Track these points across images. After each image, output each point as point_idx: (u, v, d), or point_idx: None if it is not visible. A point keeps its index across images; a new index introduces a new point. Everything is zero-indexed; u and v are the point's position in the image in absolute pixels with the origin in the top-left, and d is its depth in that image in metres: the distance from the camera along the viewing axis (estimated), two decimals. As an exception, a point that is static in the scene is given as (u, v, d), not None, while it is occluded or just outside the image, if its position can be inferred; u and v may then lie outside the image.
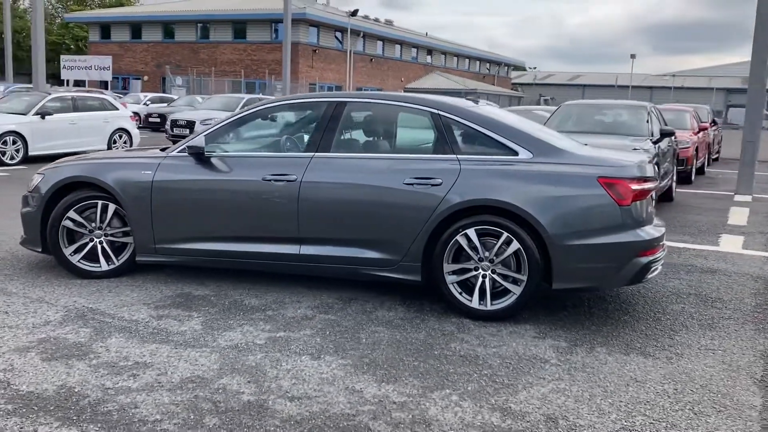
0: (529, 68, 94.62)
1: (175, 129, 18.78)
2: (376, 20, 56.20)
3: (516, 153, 4.64)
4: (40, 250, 5.43)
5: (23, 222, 5.53)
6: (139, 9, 54.14)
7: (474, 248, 4.56)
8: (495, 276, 4.56)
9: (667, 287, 5.63)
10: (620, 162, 4.57)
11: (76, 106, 15.04)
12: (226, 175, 5.05)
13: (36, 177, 5.55)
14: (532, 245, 4.44)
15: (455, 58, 62.32)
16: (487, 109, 5.08)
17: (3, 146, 13.27)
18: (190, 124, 18.49)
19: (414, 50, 56.15)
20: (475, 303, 4.59)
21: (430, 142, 4.88)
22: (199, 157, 5.07)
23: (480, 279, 4.59)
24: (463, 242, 4.57)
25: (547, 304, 4.96)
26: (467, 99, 5.46)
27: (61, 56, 38.05)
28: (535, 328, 4.48)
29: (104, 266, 5.38)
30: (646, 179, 4.57)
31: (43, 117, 13.96)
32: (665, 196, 10.96)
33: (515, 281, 4.52)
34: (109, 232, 5.37)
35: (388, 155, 4.93)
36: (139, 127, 17.74)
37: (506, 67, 73.37)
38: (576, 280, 4.50)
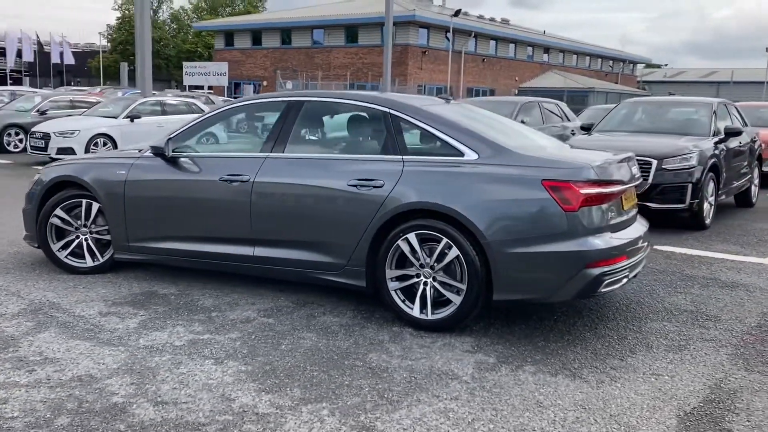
0: (663, 65, 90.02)
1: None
2: (492, 20, 55.38)
3: (462, 154, 4.35)
4: (36, 245, 5.72)
5: (24, 218, 5.84)
6: (259, 17, 56.44)
7: (415, 254, 4.32)
8: (436, 284, 4.30)
9: (665, 302, 5.08)
10: (571, 163, 4.16)
11: (164, 109, 15.88)
12: (187, 175, 5.08)
13: (36, 175, 5.85)
14: (471, 252, 4.13)
15: (574, 56, 60.16)
16: (443, 107, 4.79)
17: (94, 147, 14.22)
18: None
19: (529, 49, 54.77)
20: (416, 312, 4.34)
21: (380, 141, 4.68)
22: (164, 157, 5.14)
23: (421, 286, 4.34)
24: (405, 247, 4.34)
25: (510, 315, 4.61)
26: (439, 97, 5.19)
27: (184, 63, 40.43)
28: (474, 341, 4.17)
29: (89, 262, 5.58)
30: (604, 182, 4.13)
31: (132, 120, 14.83)
32: (743, 201, 9.99)
33: (456, 290, 4.24)
34: (94, 230, 5.57)
35: (336, 155, 4.78)
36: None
37: (631, 65, 69.92)
38: (518, 292, 4.14)
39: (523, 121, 10.44)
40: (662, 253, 6.73)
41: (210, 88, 38.75)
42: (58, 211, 5.53)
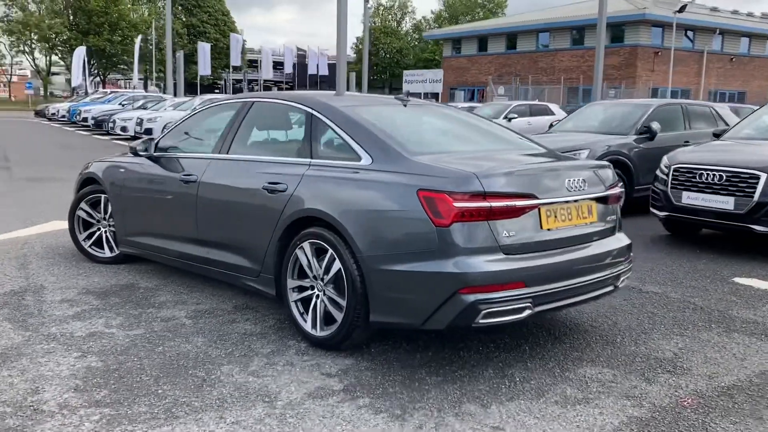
0: None
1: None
2: (750, 14, 49.45)
3: (360, 158, 3.95)
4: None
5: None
6: (485, 23, 56.42)
7: (310, 265, 4.02)
8: (325, 299, 3.96)
9: (646, 345, 4.15)
10: (453, 172, 3.55)
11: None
12: (160, 174, 5.26)
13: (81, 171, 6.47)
14: (351, 266, 3.74)
15: None
16: (374, 108, 4.40)
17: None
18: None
19: (794, 45, 47.92)
20: (309, 326, 4.05)
21: (297, 143, 4.44)
22: (142, 157, 5.39)
23: (314, 300, 4.03)
24: (302, 257, 4.06)
25: (435, 339, 4.10)
26: (395, 97, 4.78)
27: (404, 72, 41.90)
28: (350, 364, 3.77)
29: (107, 253, 6.04)
30: (495, 195, 3.47)
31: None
32: None
33: (340, 307, 3.86)
34: (111, 224, 6.01)
35: (259, 157, 4.62)
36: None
37: None
38: (392, 314, 3.65)
39: (649, 127, 9.15)
40: (731, 287, 5.50)
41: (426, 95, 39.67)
42: (83, 205, 6.06)
